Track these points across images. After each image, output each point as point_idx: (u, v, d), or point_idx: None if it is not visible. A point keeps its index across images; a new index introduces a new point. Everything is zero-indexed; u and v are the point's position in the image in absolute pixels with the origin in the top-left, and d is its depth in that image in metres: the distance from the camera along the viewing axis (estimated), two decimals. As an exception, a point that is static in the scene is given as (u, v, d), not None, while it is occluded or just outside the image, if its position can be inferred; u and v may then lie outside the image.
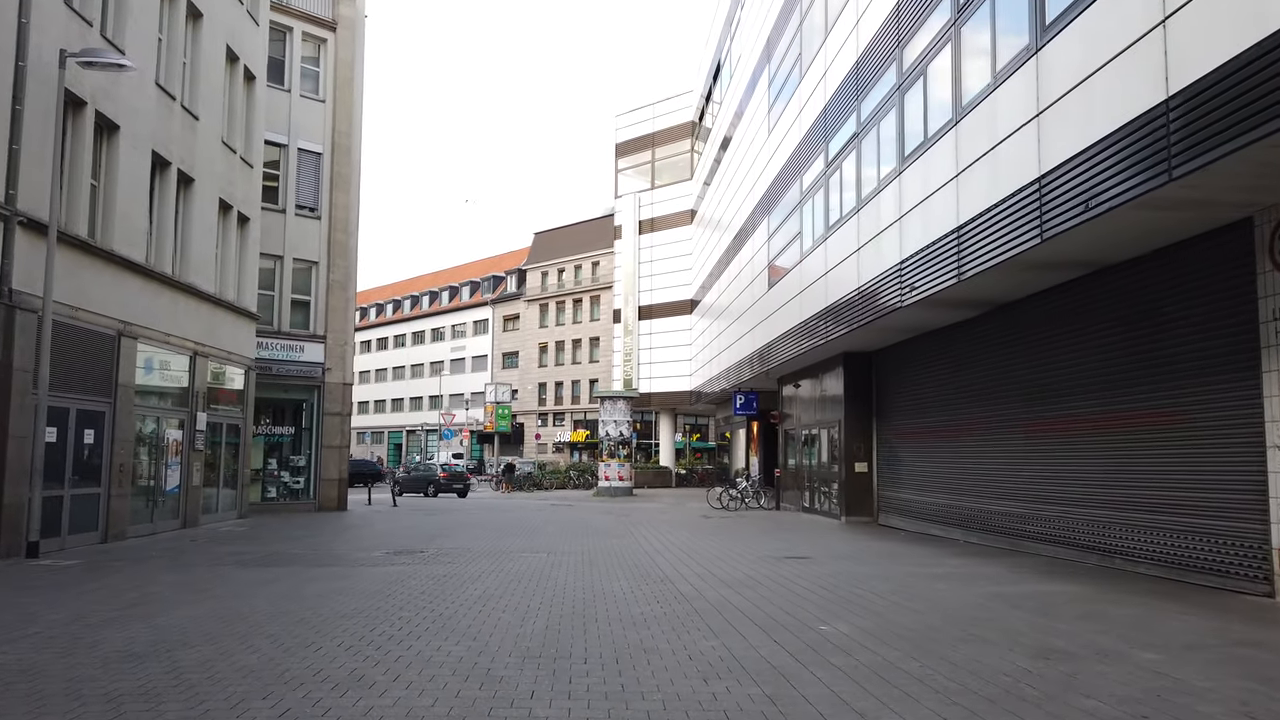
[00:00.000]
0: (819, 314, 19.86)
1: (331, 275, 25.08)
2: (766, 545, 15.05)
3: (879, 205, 16.04)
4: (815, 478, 23.86)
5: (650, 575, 10.95)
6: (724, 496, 26.32)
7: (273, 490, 24.25)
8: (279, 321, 24.11)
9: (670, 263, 44.55)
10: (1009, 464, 14.34)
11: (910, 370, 18.76)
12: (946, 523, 16.75)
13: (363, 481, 42.87)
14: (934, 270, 13.39)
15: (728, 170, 33.06)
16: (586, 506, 27.84)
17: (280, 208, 24.28)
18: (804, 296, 21.23)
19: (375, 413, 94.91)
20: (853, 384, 21.06)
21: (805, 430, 24.84)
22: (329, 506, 24.49)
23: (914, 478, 18.56)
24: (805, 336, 21.14)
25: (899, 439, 19.45)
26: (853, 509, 20.79)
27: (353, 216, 25.83)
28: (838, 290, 18.48)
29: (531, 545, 14.83)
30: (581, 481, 43.54)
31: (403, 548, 14.25)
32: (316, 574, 10.85)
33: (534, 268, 76.80)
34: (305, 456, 24.77)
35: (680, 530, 18.42)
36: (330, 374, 24.83)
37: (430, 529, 18.31)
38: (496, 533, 17.42)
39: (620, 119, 47.65)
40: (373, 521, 20.90)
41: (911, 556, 13.33)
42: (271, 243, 23.95)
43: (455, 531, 17.70)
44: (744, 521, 21.31)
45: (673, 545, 15.01)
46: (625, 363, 45.96)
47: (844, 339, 19.04)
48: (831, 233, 19.01)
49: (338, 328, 25.10)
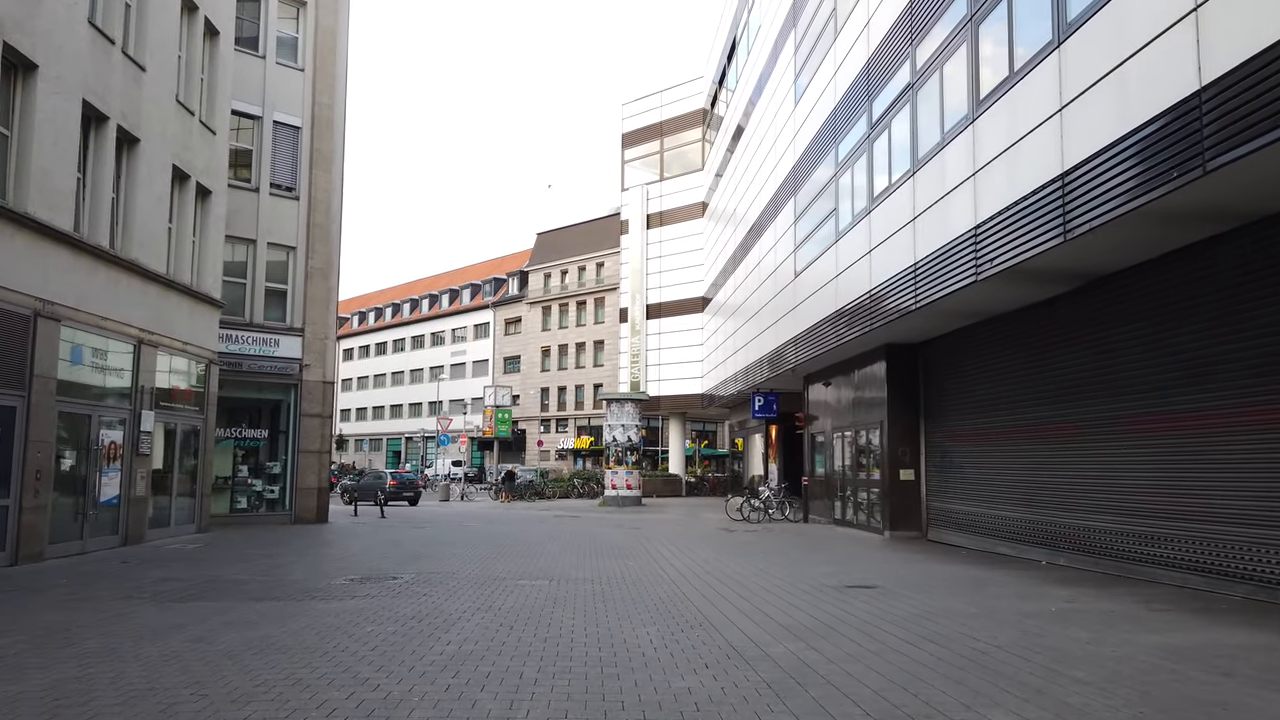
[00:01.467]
0: (859, 300, 17.34)
1: (311, 262, 22.61)
2: (813, 568, 12.51)
3: (942, 163, 13.52)
4: (850, 487, 21.30)
5: (685, 617, 8.42)
6: (745, 507, 23.77)
7: (244, 500, 21.73)
8: (251, 312, 21.64)
9: (680, 258, 42.07)
10: (1115, 472, 11.77)
11: (969, 362, 16.22)
12: (1021, 540, 14.19)
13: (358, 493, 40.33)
14: (1025, 232, 10.86)
15: (745, 153, 30.60)
16: (592, 518, 25.31)
17: (253, 186, 21.84)
18: (840, 282, 18.72)
19: (374, 419, 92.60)
20: (897, 380, 18.52)
21: (837, 434, 22.29)
22: (307, 518, 21.96)
23: (975, 487, 16.00)
24: (841, 327, 18.62)
25: (954, 442, 16.90)
26: (898, 522, 18.23)
27: (335, 198, 23.39)
28: (884, 270, 15.97)
29: (530, 569, 12.29)
30: (586, 490, 41.00)
31: (374, 572, 11.73)
32: (245, 614, 8.32)
33: (536, 269, 74.40)
34: (281, 463, 22.26)
35: (703, 547, 15.88)
36: (309, 371, 22.34)
37: (414, 546, 15.78)
38: (491, 551, 14.89)
39: (627, 107, 45.25)
40: (352, 536, 18.39)
41: (1000, 586, 10.77)
42: (243, 225, 21.51)
43: (443, 549, 15.17)
44: (773, 536, 18.75)
45: (700, 568, 12.47)
46: (632, 364, 43.45)
47: (888, 329, 16.53)
48: (877, 205, 16.51)
49: (317, 320, 22.62)
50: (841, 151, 18.85)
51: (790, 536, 18.88)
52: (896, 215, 15.37)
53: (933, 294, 13.70)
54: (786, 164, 23.86)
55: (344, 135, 23.84)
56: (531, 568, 12.43)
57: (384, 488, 31.05)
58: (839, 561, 13.60)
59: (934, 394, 17.81)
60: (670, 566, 12.76)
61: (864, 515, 20.15)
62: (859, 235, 17.51)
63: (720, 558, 14.04)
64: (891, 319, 15.65)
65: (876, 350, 18.95)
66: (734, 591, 10.08)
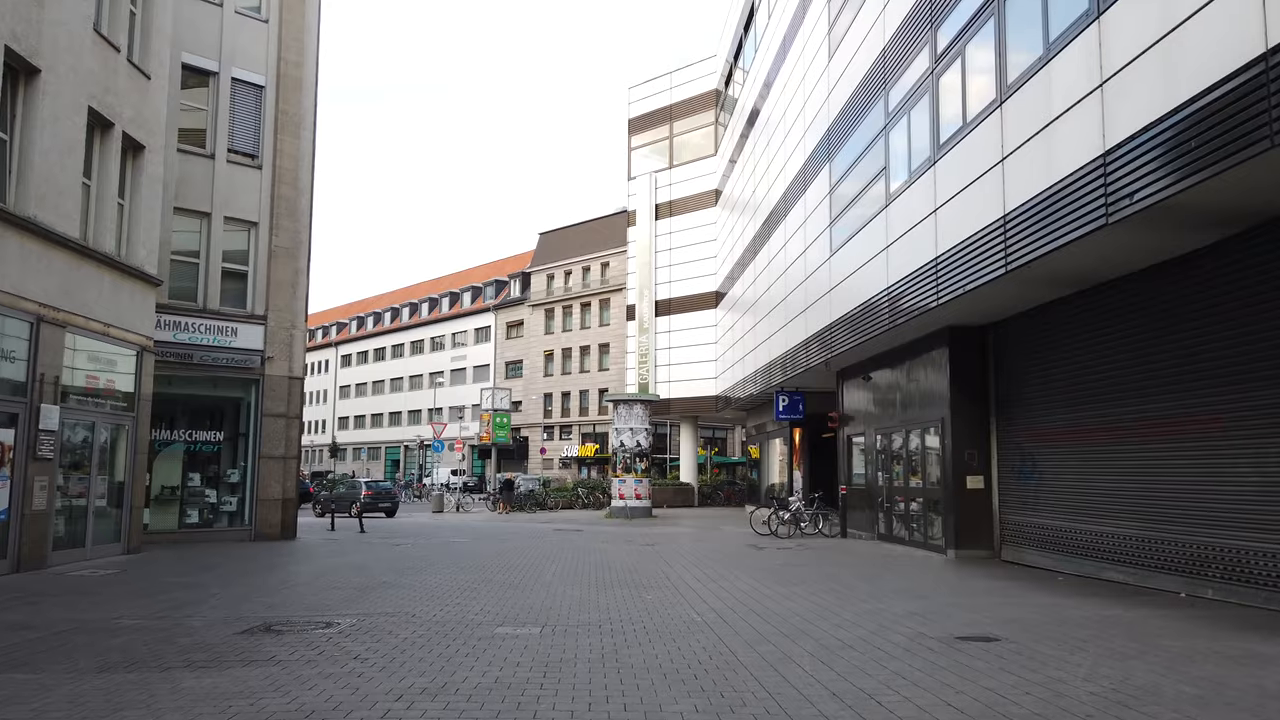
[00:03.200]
0: (919, 273, 14.39)
1: (275, 240, 19.72)
2: (887, 603, 9.52)
3: (1047, 81, 10.56)
4: (898, 497, 18.30)
5: (746, 700, 5.44)
6: (773, 520, 20.75)
7: (195, 514, 18.78)
8: (205, 297, 18.75)
9: (691, 250, 39.13)
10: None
11: (1060, 343, 13.24)
12: (1139, 564, 11.19)
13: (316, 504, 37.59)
14: (1208, 146, 7.89)
15: (765, 128, 27.68)
16: (599, 532, 22.32)
17: (208, 152, 18.98)
18: (893, 253, 15.78)
19: (373, 427, 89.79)
20: (961, 369, 15.55)
21: (880, 435, 19.28)
22: (269, 534, 19.01)
23: (1067, 497, 13.00)
24: (892, 308, 15.65)
25: (1038, 442, 13.91)
26: (965, 539, 15.22)
27: (305, 168, 20.50)
28: (955, 231, 13.01)
29: (517, 608, 9.32)
30: (591, 500, 38.00)
31: (308, 613, 8.77)
32: (52, 703, 5.37)
33: (539, 270, 71.56)
34: (241, 470, 19.33)
35: (735, 571, 12.88)
36: (272, 364, 19.42)
37: (381, 570, 12.81)
38: (472, 579, 11.91)
39: (634, 90, 42.37)
40: (313, 556, 15.44)
41: (1167, 635, 7.75)
42: (195, 195, 18.66)
43: (414, 577, 12.19)
44: (813, 556, 15.75)
45: (741, 603, 9.49)
46: (640, 365, 40.47)
47: (955, 307, 13.60)
48: (946, 151, 13.56)
49: (282, 306, 19.71)
50: (893, 99, 15.91)
51: (834, 556, 15.88)
52: (976, 159, 12.40)
53: (1033, 250, 10.71)
54: (819, 129, 20.94)
55: (316, 97, 20.97)
56: (519, 605, 9.46)
57: (359, 499, 28.04)
58: (915, 593, 10.60)
59: (1009, 384, 14.82)
60: (701, 602, 9.78)
61: (917, 530, 17.13)
62: (918, 194, 14.55)
63: (762, 587, 11.04)
64: (965, 290, 12.67)
65: (935, 335, 15.98)
66: (801, 648, 7.10)
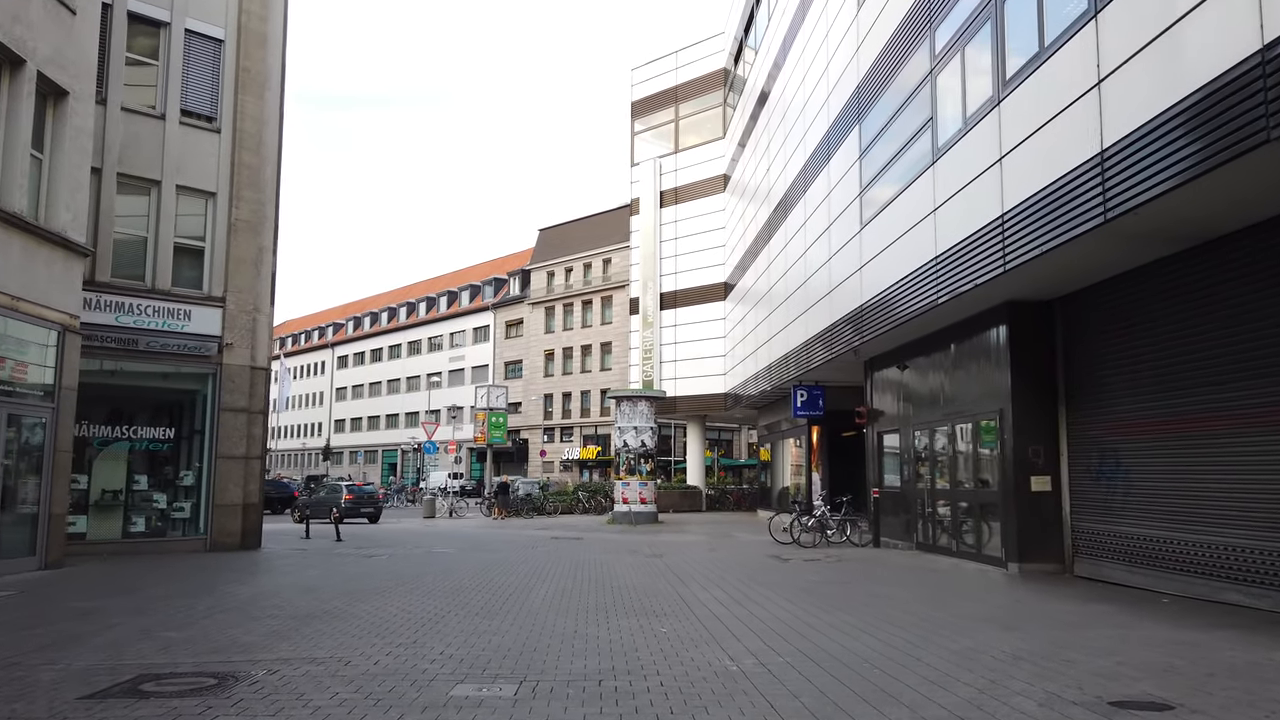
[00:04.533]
0: (979, 235, 12.14)
1: (236, 212, 17.52)
2: (978, 640, 7.26)
3: (1168, -25, 8.32)
4: (943, 501, 16.03)
5: None
6: (795, 527, 18.48)
7: (142, 521, 16.54)
8: (154, 275, 16.56)
9: (698, 239, 36.87)
10: None
11: (1153, 317, 10.98)
12: (1269, 584, 8.94)
13: (268, 506, 35.52)
14: None
15: (780, 100, 25.45)
16: (600, 540, 20.06)
17: (157, 112, 16.80)
18: (942, 216, 13.54)
19: (369, 430, 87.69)
20: (1024, 351, 13.29)
21: (920, 431, 17.02)
22: (228, 544, 16.78)
23: (1166, 501, 10.73)
24: (941, 280, 13.41)
25: (1122, 436, 11.64)
26: (1028, 551, 12.95)
27: (270, 133, 18.29)
28: (1030, 179, 10.76)
29: (490, 651, 7.06)
30: (593, 504, 35.73)
31: (201, 660, 6.52)
32: None
33: (539, 267, 69.41)
34: (195, 472, 17.10)
35: (764, 590, 10.62)
36: (232, 352, 17.21)
37: (333, 594, 10.57)
38: (443, 605, 9.66)
39: (637, 72, 40.11)
40: (264, 571, 13.19)
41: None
42: (142, 160, 16.49)
43: (370, 600, 9.95)
44: (850, 570, 13.49)
45: (783, 642, 7.24)
46: (644, 362, 38.19)
47: (1022, 275, 11.38)
48: (1014, 88, 11.30)
49: (244, 287, 17.50)
50: (941, 38, 13.67)
51: (874, 570, 13.61)
52: (1059, 87, 10.14)
53: (1150, 187, 8.45)
54: (845, 90, 18.70)
55: (284, 55, 18.78)
56: (493, 647, 7.21)
57: (340, 504, 25.79)
58: (999, 622, 8.33)
59: (1082, 368, 12.55)
60: (731, 638, 7.53)
61: (967, 540, 14.87)
62: (976, 142, 12.31)
63: (803, 614, 8.78)
64: (1044, 249, 10.41)
65: (991, 313, 13.72)
66: (886, 718, 4.86)
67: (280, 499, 36.63)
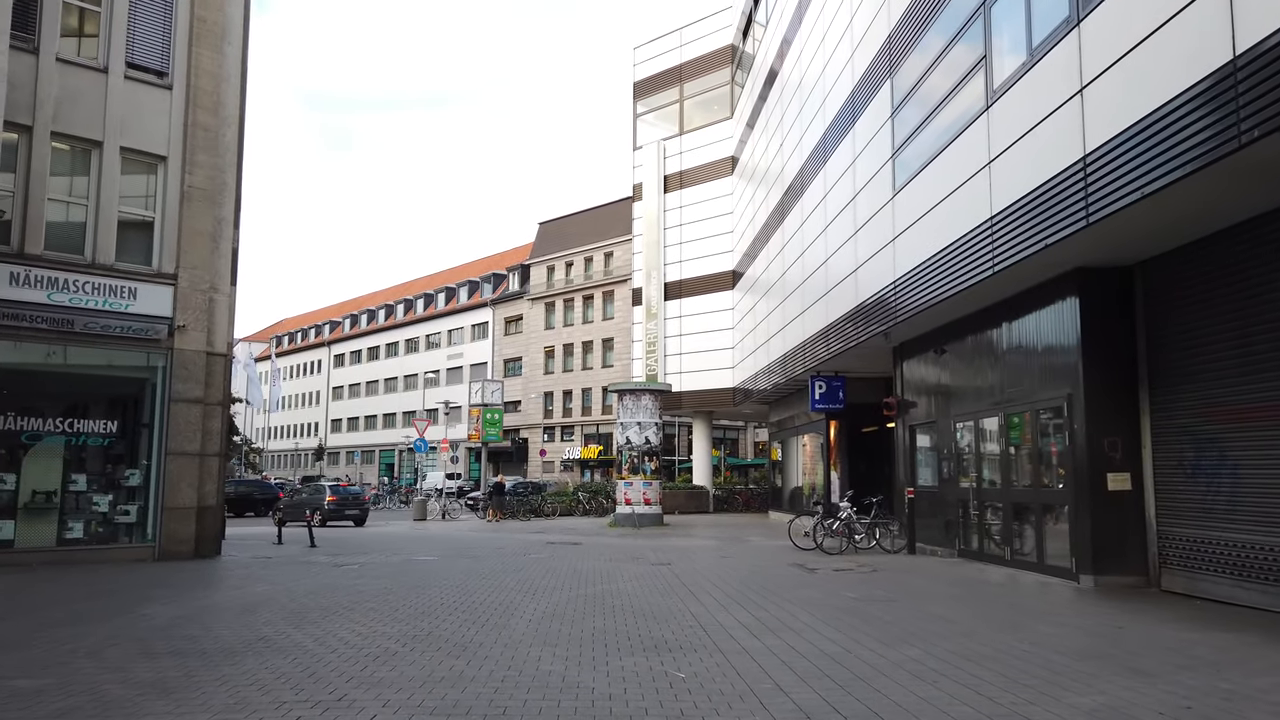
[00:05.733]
0: (1052, 186, 10.17)
1: (190, 179, 15.57)
2: (1116, 693, 5.29)
3: None
4: (993, 503, 14.04)
5: None
6: (818, 531, 16.49)
7: (78, 527, 14.58)
8: (94, 249, 14.62)
9: (704, 225, 34.89)
10: None
11: (1271, 280, 9.01)
12: None
13: (251, 508, 34.05)
14: None
15: (796, 68, 23.47)
16: (601, 545, 18.08)
17: (99, 64, 14.88)
18: (999, 170, 11.56)
19: (366, 430, 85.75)
20: (1097, 328, 11.30)
21: (962, 423, 15.02)
22: (179, 551, 14.83)
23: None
24: (997, 243, 11.43)
25: (1226, 425, 9.65)
26: (1103, 562, 10.96)
27: (230, 91, 16.35)
28: (1123, 112, 8.79)
29: (446, 711, 5.10)
30: (593, 506, 33.76)
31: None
32: None
33: (539, 262, 67.43)
34: (143, 471, 15.15)
35: (798, 610, 8.64)
36: (184, 335, 15.26)
37: (275, 614, 8.61)
38: (404, 629, 7.68)
39: (639, 51, 38.12)
40: (200, 585, 11.22)
41: None
42: (80, 119, 14.60)
43: (314, 625, 7.98)
44: (891, 583, 11.50)
45: (854, 698, 5.26)
46: (648, 355, 36.22)
47: (1101, 232, 9.44)
48: (1097, 3, 9.33)
49: (199, 263, 15.56)
50: (997, -40, 11.70)
51: (920, 583, 11.62)
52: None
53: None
54: (873, 43, 16.71)
55: (247, 6, 16.84)
56: (450, 704, 5.23)
57: (322, 506, 23.80)
58: (1113, 661, 6.34)
59: (1174, 343, 10.56)
60: (774, 692, 5.55)
61: (1023, 547, 12.87)
62: (1046, 75, 10.32)
63: (856, 646, 6.80)
64: (1142, 194, 8.44)
65: (1058, 281, 11.73)
66: None
67: (265, 500, 34.84)
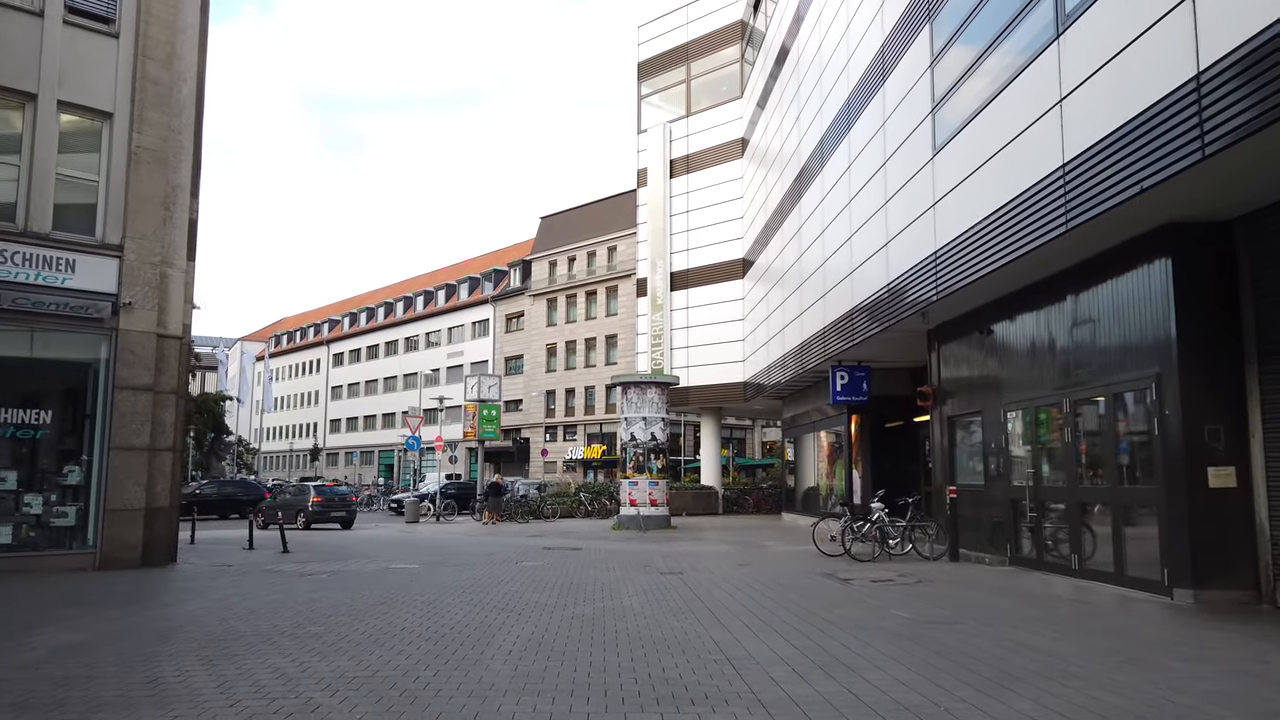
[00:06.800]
0: (1151, 116, 8.33)
1: (139, 139, 13.81)
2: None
3: None
4: (1057, 503, 12.19)
5: None
6: (846, 535, 14.66)
7: (8, 531, 12.79)
8: (26, 215, 12.86)
9: (713, 211, 33.07)
10: None
11: None
12: None
13: (235, 509, 32.50)
14: None
15: (816, 29, 21.65)
16: (603, 551, 16.26)
17: (34, 7, 13.14)
18: (1073, 106, 9.73)
19: (365, 430, 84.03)
20: (1193, 295, 9.45)
21: (1014, 411, 13.17)
22: (125, 559, 13.06)
23: None
24: (1071, 195, 9.61)
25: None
26: (1205, 574, 9.12)
27: (187, 41, 14.58)
28: (1257, 15, 6.98)
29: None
30: (596, 507, 31.94)
31: None
32: None
33: (540, 257, 65.65)
34: (84, 467, 13.37)
35: (842, 636, 6.83)
36: (131, 314, 13.49)
37: (198, 641, 6.83)
38: (336, 674, 5.88)
39: (644, 29, 36.32)
40: (125, 604, 9.43)
41: None
42: (11, 68, 12.95)
43: (239, 660, 6.20)
44: (945, 599, 9.66)
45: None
46: (653, 348, 34.39)
47: (1201, 179, 7.64)
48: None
49: (148, 233, 13.79)
50: None
51: (979, 598, 9.79)
52: None
53: None
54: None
55: (205, -52, 15.10)
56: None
57: (306, 507, 22.01)
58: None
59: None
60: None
61: (1097, 555, 11.02)
62: None
63: (941, 695, 4.99)
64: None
65: (1144, 240, 9.88)
66: None
67: (250, 501, 33.19)
